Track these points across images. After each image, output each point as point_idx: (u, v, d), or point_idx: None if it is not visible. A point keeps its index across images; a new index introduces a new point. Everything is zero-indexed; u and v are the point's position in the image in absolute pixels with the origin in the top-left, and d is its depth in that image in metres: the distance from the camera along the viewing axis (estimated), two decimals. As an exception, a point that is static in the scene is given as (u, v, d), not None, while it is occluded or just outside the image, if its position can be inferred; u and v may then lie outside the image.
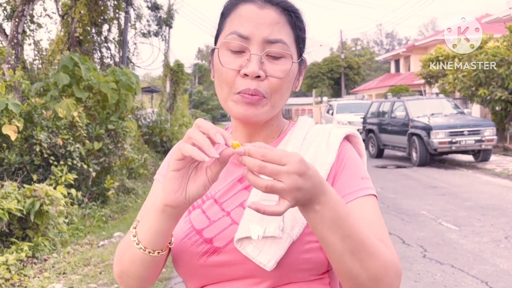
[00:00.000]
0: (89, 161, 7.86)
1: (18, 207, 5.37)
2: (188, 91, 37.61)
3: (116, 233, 6.50)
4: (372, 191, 1.08)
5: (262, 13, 1.06)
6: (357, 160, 1.12)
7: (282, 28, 1.07)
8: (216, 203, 1.11)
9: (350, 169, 1.09)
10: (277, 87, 1.06)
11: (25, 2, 10.53)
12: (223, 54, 1.07)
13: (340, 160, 1.10)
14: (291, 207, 0.86)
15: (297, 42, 1.10)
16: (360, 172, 1.10)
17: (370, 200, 1.06)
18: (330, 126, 1.18)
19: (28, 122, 7.48)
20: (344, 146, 1.13)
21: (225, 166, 0.96)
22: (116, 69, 9.06)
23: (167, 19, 16.49)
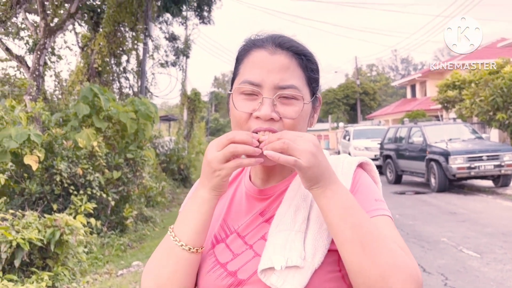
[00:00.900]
0: (108, 190, 7.94)
1: (38, 237, 5.43)
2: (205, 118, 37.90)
3: (134, 262, 6.52)
4: (387, 213, 1.11)
5: (273, 58, 1.11)
6: (371, 184, 1.15)
7: (293, 72, 1.12)
8: (239, 237, 1.15)
9: (363, 193, 1.12)
10: (291, 127, 1.10)
11: (47, 35, 10.84)
12: (237, 98, 1.14)
13: (354, 186, 1.13)
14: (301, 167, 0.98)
15: (309, 83, 1.15)
16: (374, 195, 1.13)
17: (385, 219, 1.09)
18: (343, 156, 1.22)
19: (49, 152, 7.62)
20: (357, 173, 1.16)
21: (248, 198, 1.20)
22: (135, 99, 9.22)
23: (184, 49, 16.78)
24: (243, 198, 1.22)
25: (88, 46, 14.03)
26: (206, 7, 15.06)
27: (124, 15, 13.34)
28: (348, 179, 1.13)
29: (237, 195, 1.25)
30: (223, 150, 1.03)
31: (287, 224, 1.07)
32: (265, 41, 1.14)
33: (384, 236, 0.99)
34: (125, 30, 14.24)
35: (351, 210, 0.99)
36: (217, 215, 1.22)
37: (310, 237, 1.05)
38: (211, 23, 15.69)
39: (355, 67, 49.20)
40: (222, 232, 1.19)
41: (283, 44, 1.13)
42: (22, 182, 7.51)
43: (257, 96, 1.10)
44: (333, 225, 0.99)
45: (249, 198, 1.21)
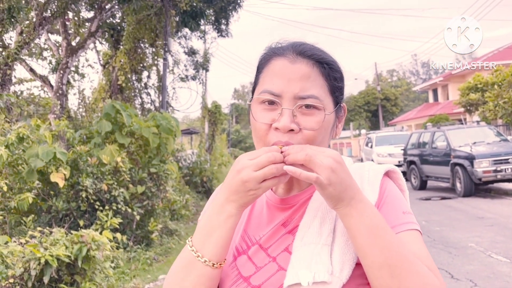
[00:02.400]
0: (133, 204, 8.03)
1: (66, 253, 5.52)
2: (226, 130, 38.11)
3: (161, 276, 6.57)
4: (415, 226, 1.06)
5: (293, 67, 1.07)
6: (398, 195, 1.11)
7: (314, 81, 1.08)
8: (261, 249, 1.12)
9: (391, 204, 1.08)
10: (312, 138, 1.06)
11: (69, 55, 11.07)
12: (256, 109, 1.11)
13: (381, 196, 1.09)
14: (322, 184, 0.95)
15: (332, 92, 1.11)
16: (401, 207, 1.08)
17: (413, 234, 1.05)
18: (368, 164, 1.17)
19: (74, 170, 7.76)
20: (384, 182, 1.11)
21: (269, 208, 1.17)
22: (156, 114, 9.33)
23: (204, 63, 16.94)
24: (264, 208, 1.19)
25: (110, 64, 14.28)
26: (224, 20, 15.19)
27: (144, 32, 13.56)
28: (375, 189, 1.09)
29: (258, 204, 1.21)
30: (263, 171, 0.98)
31: (313, 237, 1.03)
32: (286, 49, 1.11)
33: (413, 257, 0.96)
34: (145, 47, 14.47)
35: (379, 231, 0.96)
36: (239, 226, 1.19)
37: (337, 251, 1.01)
38: (229, 36, 15.82)
39: (375, 73, 48.92)
40: (244, 244, 1.15)
41: (304, 52, 1.09)
42: (49, 199, 7.65)
43: (277, 106, 1.07)
44: (360, 246, 0.96)
45: (271, 208, 1.17)
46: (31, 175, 7.44)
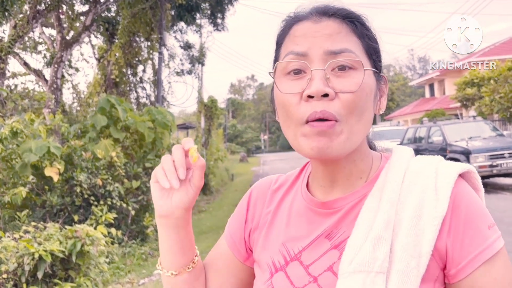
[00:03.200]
0: (128, 199, 7.99)
1: (60, 249, 5.48)
2: (222, 125, 38.07)
3: (156, 271, 6.53)
4: (501, 242, 0.84)
5: (319, 26, 0.88)
6: (479, 206, 0.85)
7: (345, 37, 0.87)
8: (301, 265, 0.93)
9: (474, 222, 0.83)
10: (352, 104, 0.84)
11: (63, 48, 10.98)
12: (281, 81, 0.90)
13: (457, 211, 0.83)
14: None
15: (368, 53, 0.89)
16: (486, 220, 0.84)
17: (502, 256, 0.83)
18: (436, 160, 0.91)
19: (69, 164, 7.70)
20: (459, 189, 0.85)
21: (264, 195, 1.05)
22: (151, 109, 9.28)
23: (200, 57, 16.88)
24: (302, 213, 0.98)
25: (105, 58, 14.19)
26: (220, 14, 15.12)
27: (139, 26, 13.48)
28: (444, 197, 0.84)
29: (294, 208, 1.00)
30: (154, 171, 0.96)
31: (364, 262, 0.82)
32: (307, 13, 0.92)
33: None
34: (140, 40, 14.39)
35: None
36: (275, 236, 1.00)
37: (395, 279, 0.80)
38: (225, 30, 15.75)
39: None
40: (281, 258, 0.96)
41: (329, 10, 0.90)
42: (43, 194, 7.59)
43: (305, 72, 0.86)
44: None
45: (309, 213, 0.96)
46: (24, 170, 7.38)
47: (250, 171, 29.87)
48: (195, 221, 11.41)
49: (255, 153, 63.37)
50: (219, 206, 14.12)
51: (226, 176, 23.30)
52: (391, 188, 0.87)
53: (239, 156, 43.68)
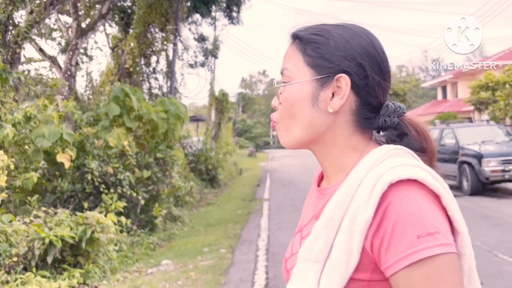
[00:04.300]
0: (138, 189, 8.00)
1: (70, 234, 5.50)
2: (232, 119, 38.07)
3: (164, 261, 6.54)
4: (431, 252, 0.81)
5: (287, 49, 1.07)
6: (412, 215, 0.83)
7: (290, 57, 1.04)
8: (300, 236, 1.06)
9: (402, 229, 0.83)
10: (281, 111, 1.03)
11: (79, 36, 11.00)
12: None
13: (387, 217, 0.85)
14: None
15: (310, 65, 1.00)
16: (416, 229, 0.82)
17: (423, 267, 0.82)
18: (389, 165, 0.91)
19: (81, 151, 7.72)
20: (394, 197, 0.86)
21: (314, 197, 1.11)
22: (164, 99, 9.28)
23: (213, 49, 16.85)
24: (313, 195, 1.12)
25: (119, 47, 14.20)
26: (235, 7, 15.07)
27: (154, 16, 13.46)
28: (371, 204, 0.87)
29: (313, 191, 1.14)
30: None
31: (307, 251, 0.94)
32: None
33: None
34: (155, 31, 14.38)
35: None
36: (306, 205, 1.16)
37: (326, 270, 0.90)
38: (240, 24, 15.70)
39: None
40: (297, 227, 1.12)
41: (292, 34, 1.06)
42: (54, 180, 7.62)
43: None
44: None
45: (314, 196, 1.11)
46: (37, 155, 7.41)
47: (258, 166, 29.85)
48: (204, 213, 11.43)
49: (264, 149, 63.36)
50: (227, 199, 14.13)
51: (235, 170, 23.30)
52: (344, 190, 0.94)
53: (248, 150, 43.67)
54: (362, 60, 0.98)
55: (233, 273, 5.77)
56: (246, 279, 5.49)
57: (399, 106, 1.01)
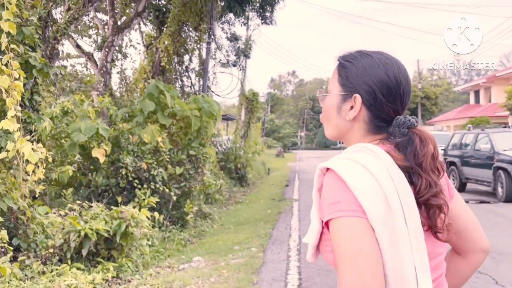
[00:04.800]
0: (170, 185, 8.06)
1: (105, 228, 5.56)
2: (261, 119, 38.05)
3: (195, 257, 6.56)
4: (331, 216, 1.16)
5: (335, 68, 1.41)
6: (327, 190, 1.21)
7: (333, 75, 1.40)
8: None
9: (323, 200, 1.22)
10: (322, 113, 1.41)
11: (115, 33, 11.15)
12: None
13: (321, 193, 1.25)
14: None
15: (341, 84, 1.35)
16: (327, 200, 1.20)
17: (331, 225, 1.18)
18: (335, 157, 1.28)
19: (115, 146, 7.81)
20: (324, 179, 1.24)
21: None
22: (198, 97, 9.32)
23: (245, 49, 16.86)
24: None
25: (153, 45, 14.34)
26: (269, 7, 15.04)
27: (189, 15, 13.54)
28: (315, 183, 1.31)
29: None
30: None
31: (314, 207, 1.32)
32: None
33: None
34: (189, 30, 14.47)
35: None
36: None
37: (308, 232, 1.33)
38: (273, 24, 15.67)
39: (416, 70, 47.94)
40: None
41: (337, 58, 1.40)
42: (89, 174, 7.74)
43: None
44: None
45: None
46: (73, 149, 7.54)
47: (286, 166, 29.78)
48: (233, 211, 11.45)
49: (291, 149, 63.17)
50: (256, 198, 14.12)
51: (263, 169, 23.29)
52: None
53: (276, 151, 43.61)
54: (374, 85, 1.28)
55: (265, 272, 5.75)
56: (279, 279, 5.46)
57: (409, 120, 1.27)
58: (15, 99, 3.75)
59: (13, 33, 3.74)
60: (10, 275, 4.59)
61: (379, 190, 1.15)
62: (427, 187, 1.20)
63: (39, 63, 5.30)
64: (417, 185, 1.21)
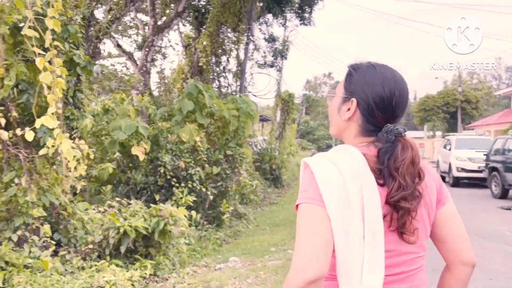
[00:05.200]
0: (207, 184, 8.08)
1: (144, 225, 5.60)
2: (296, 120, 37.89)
3: (231, 257, 6.55)
4: (300, 201, 1.33)
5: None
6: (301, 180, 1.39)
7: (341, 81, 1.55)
8: None
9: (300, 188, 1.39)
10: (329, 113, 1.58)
11: (155, 33, 11.27)
12: None
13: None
14: None
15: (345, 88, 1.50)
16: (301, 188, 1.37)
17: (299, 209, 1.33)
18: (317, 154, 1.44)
19: (155, 145, 7.89)
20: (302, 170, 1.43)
21: None
22: (236, 97, 9.33)
23: (283, 50, 16.80)
24: None
25: (192, 45, 14.45)
26: (308, 8, 14.93)
27: (227, 16, 13.59)
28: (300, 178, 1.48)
29: None
30: None
31: None
32: None
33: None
34: (227, 31, 14.52)
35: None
36: None
37: None
38: (312, 25, 15.55)
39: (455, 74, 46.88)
40: None
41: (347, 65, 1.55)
42: (128, 172, 7.83)
43: None
44: None
45: None
46: (113, 146, 7.64)
47: (321, 169, 29.44)
48: (268, 212, 11.40)
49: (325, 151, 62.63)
50: (291, 200, 14.04)
51: (297, 171, 23.11)
52: None
53: (310, 152, 43.35)
54: (369, 94, 1.43)
55: (302, 275, 5.67)
56: (316, 282, 5.38)
57: (397, 128, 1.39)
58: (57, 96, 3.80)
59: (57, 31, 3.79)
60: (51, 269, 4.67)
61: (342, 186, 1.29)
62: (398, 189, 1.31)
63: (83, 61, 5.39)
64: (390, 186, 1.33)
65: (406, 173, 1.33)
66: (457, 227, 1.49)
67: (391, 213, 1.32)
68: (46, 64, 3.60)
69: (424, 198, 1.38)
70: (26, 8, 3.52)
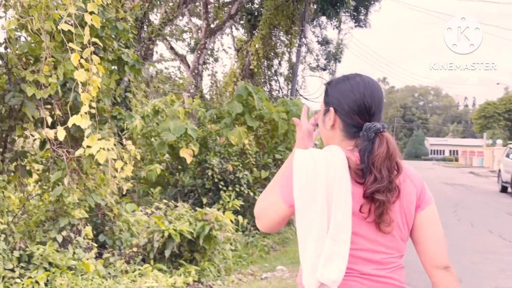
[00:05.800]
0: (255, 188, 7.87)
1: (189, 230, 5.44)
2: (349, 126, 37.21)
3: (279, 266, 6.30)
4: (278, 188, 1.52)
5: None
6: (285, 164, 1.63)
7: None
8: None
9: None
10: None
11: (208, 36, 11.23)
12: None
13: None
14: None
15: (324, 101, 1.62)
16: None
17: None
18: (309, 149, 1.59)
19: (203, 147, 7.77)
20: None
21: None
22: (286, 100, 9.11)
23: (336, 53, 16.43)
24: None
25: (244, 48, 14.36)
26: (363, 9, 14.52)
27: (280, 18, 13.41)
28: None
29: None
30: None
31: None
32: None
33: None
34: (279, 34, 14.34)
35: None
36: None
37: None
38: (367, 27, 15.11)
39: (519, 79, 44.68)
40: None
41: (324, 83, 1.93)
42: (176, 174, 7.74)
43: None
44: None
45: None
46: (162, 148, 7.57)
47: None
48: (318, 220, 11.08)
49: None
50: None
51: (349, 178, 22.65)
52: None
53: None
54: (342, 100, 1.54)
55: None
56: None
57: (375, 125, 1.46)
58: (91, 94, 3.67)
59: (96, 27, 3.67)
60: (93, 272, 4.58)
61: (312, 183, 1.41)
62: (373, 181, 1.39)
63: (131, 60, 5.30)
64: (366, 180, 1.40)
65: (382, 166, 1.40)
66: (436, 231, 1.53)
67: (369, 205, 1.40)
68: (82, 61, 3.49)
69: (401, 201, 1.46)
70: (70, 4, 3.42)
